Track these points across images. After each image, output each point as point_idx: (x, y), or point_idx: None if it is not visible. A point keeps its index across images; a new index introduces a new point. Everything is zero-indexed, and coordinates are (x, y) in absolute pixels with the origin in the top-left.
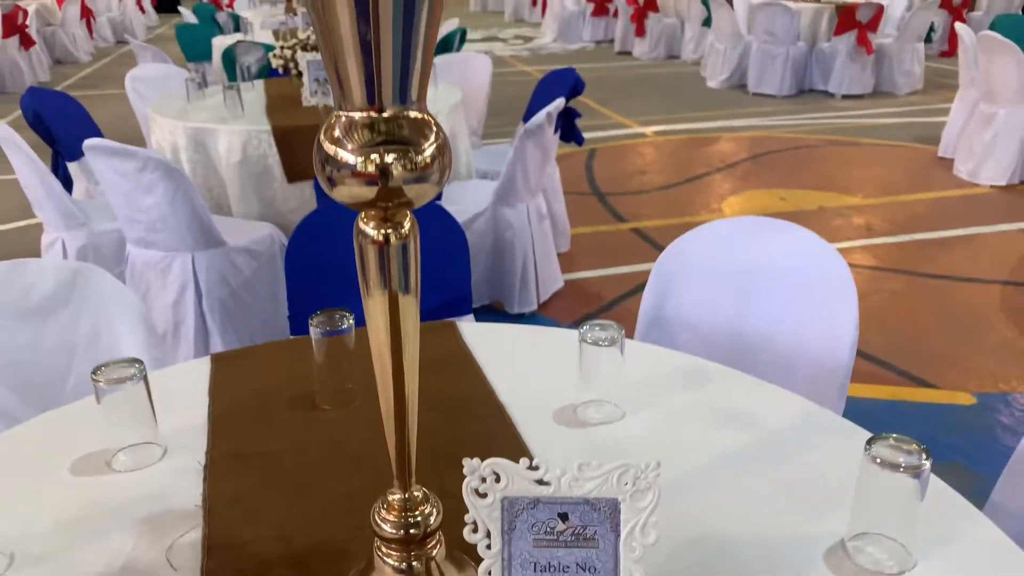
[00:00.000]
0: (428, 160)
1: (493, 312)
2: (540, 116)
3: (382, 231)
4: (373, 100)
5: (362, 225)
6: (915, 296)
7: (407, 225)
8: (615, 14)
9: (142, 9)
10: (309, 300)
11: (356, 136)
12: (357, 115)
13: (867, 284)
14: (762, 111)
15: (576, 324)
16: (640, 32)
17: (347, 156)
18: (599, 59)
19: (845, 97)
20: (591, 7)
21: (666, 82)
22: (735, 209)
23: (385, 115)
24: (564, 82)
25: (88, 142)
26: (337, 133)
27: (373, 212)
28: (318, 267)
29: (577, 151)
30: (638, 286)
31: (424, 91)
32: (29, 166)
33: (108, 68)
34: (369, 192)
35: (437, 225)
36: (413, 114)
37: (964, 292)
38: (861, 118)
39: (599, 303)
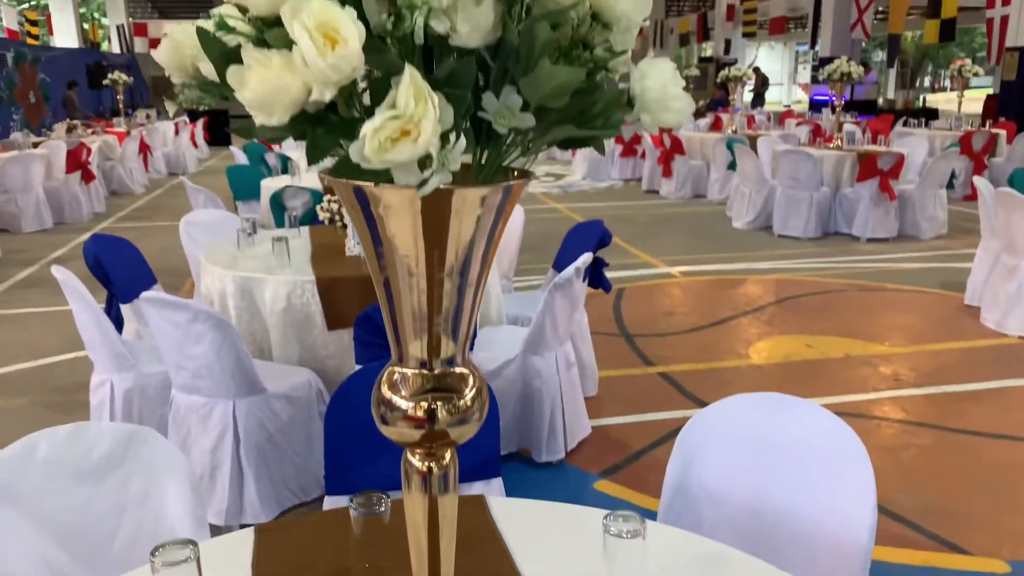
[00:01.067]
0: (469, 403)
1: (520, 460)
2: (569, 271)
3: (426, 464)
4: (426, 365)
5: (409, 456)
6: (945, 453)
7: (448, 457)
8: (642, 155)
9: (195, 144)
10: (346, 461)
11: (409, 386)
12: (410, 372)
13: (895, 439)
14: (787, 253)
15: (604, 474)
16: (667, 173)
17: (400, 402)
18: (627, 197)
19: (870, 241)
20: (619, 148)
21: (693, 222)
22: (762, 355)
23: (435, 372)
24: (592, 234)
25: (145, 295)
26: (395, 379)
27: (420, 449)
28: (356, 429)
29: None
30: (666, 434)
31: (467, 349)
32: (86, 310)
33: (160, 200)
34: (416, 434)
35: None
36: (458, 370)
37: (995, 449)
38: (886, 262)
39: (626, 452)
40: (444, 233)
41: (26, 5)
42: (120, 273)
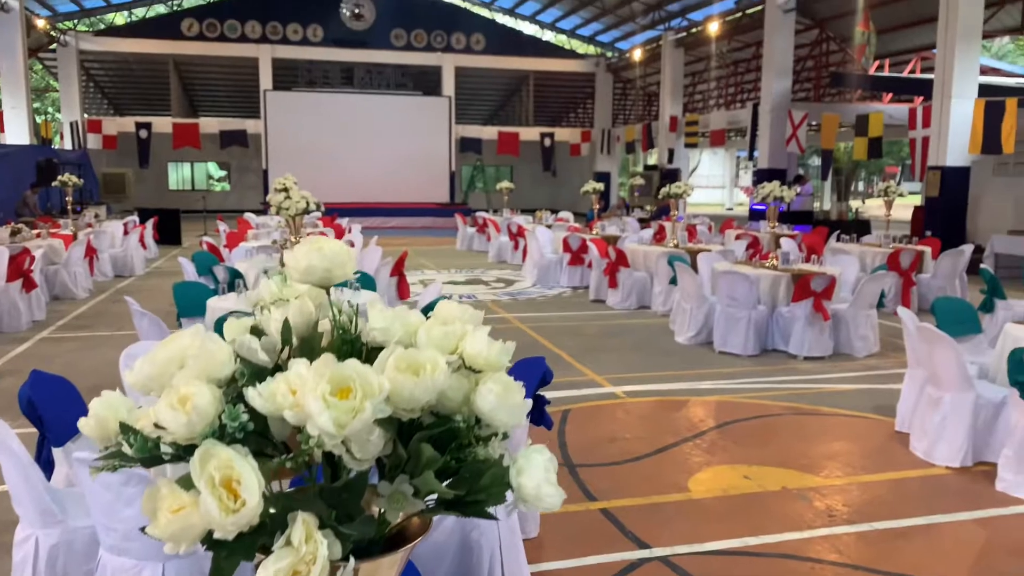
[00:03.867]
0: None
1: None
2: None
3: None
4: None
5: None
6: None
7: None
8: (589, 264)
9: (144, 245)
10: None
11: None
12: None
13: None
14: (728, 372)
15: None
16: (613, 284)
17: None
18: (575, 307)
19: (807, 359)
20: (568, 256)
21: (638, 335)
22: (702, 488)
23: None
24: (535, 372)
25: (77, 455)
26: None
27: None
28: None
29: (551, 411)
30: None
31: None
32: (14, 464)
33: (103, 305)
34: None
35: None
36: None
37: None
38: (822, 382)
39: None
40: None
41: None
42: (53, 414)
